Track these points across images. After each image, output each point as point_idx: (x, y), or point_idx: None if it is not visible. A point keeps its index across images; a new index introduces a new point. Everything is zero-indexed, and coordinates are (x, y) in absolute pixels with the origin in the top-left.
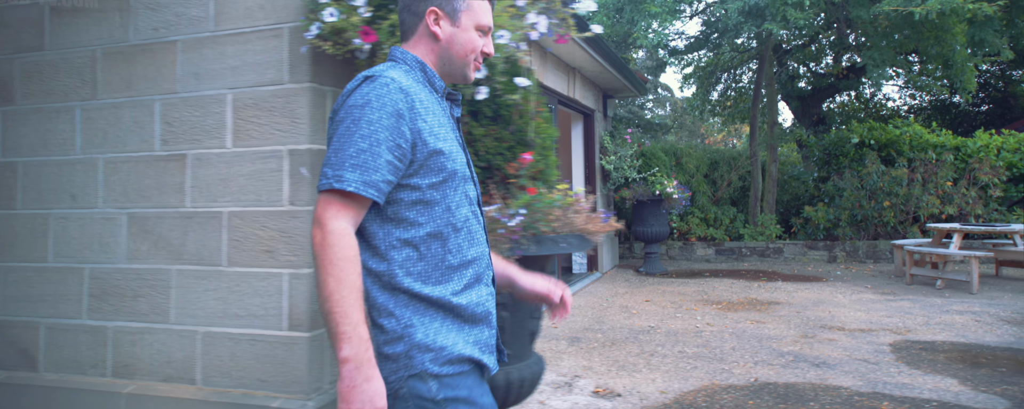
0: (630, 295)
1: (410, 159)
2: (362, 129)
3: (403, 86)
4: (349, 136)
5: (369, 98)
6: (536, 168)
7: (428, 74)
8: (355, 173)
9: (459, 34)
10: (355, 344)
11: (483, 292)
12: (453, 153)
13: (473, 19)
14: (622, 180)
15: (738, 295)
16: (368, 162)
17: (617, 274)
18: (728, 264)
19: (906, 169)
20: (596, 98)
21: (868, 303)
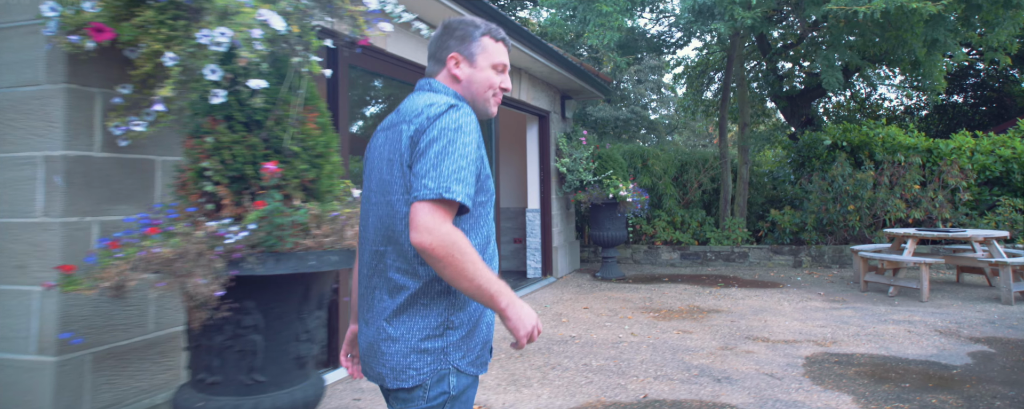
0: (572, 302)
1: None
2: (459, 149)
3: (474, 118)
4: (448, 154)
5: (461, 123)
6: (304, 177)
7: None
8: (460, 185)
9: (476, 74)
10: (507, 295)
11: None
12: (491, 177)
13: (488, 59)
14: (577, 183)
15: (683, 302)
16: (467, 177)
17: (572, 279)
18: (692, 269)
19: (872, 172)
20: (552, 99)
21: (810, 312)
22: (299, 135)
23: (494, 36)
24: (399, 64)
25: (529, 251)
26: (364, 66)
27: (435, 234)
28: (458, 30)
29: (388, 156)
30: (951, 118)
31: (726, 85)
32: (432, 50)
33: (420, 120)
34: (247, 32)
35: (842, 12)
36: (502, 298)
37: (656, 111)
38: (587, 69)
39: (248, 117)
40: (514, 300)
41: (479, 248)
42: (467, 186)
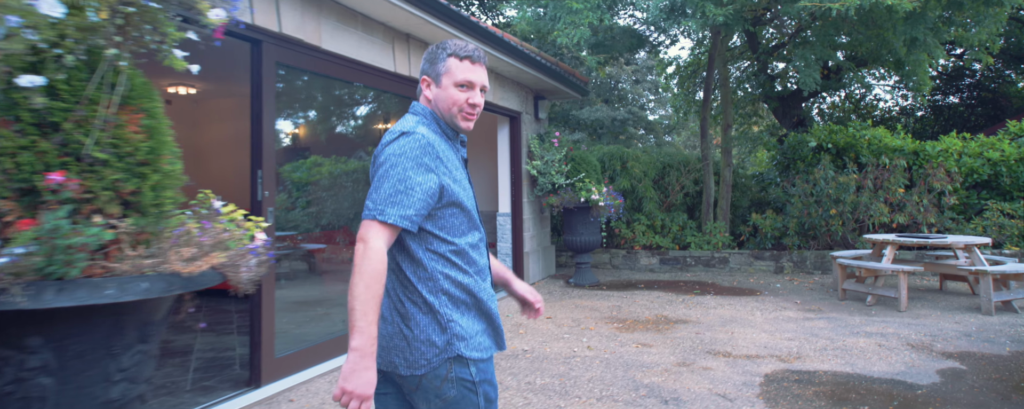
0: None
1: (437, 198)
2: (398, 174)
3: (430, 141)
4: (387, 178)
5: (404, 149)
6: (121, 189)
7: (441, 125)
8: (393, 208)
9: (441, 93)
10: (365, 338)
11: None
12: (463, 193)
13: (451, 79)
14: (549, 186)
15: (652, 312)
16: (403, 200)
17: (544, 285)
18: (670, 274)
19: (855, 175)
20: (523, 99)
21: (781, 322)
22: (110, 140)
23: (459, 55)
24: (336, 61)
25: (499, 257)
26: (298, 65)
27: (363, 245)
28: (430, 53)
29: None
30: (946, 119)
31: (708, 85)
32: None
33: (379, 146)
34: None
35: (816, 9)
36: (359, 335)
37: (654, 112)
38: (562, 68)
39: (41, 118)
40: (367, 349)
41: (468, 247)
42: (402, 208)
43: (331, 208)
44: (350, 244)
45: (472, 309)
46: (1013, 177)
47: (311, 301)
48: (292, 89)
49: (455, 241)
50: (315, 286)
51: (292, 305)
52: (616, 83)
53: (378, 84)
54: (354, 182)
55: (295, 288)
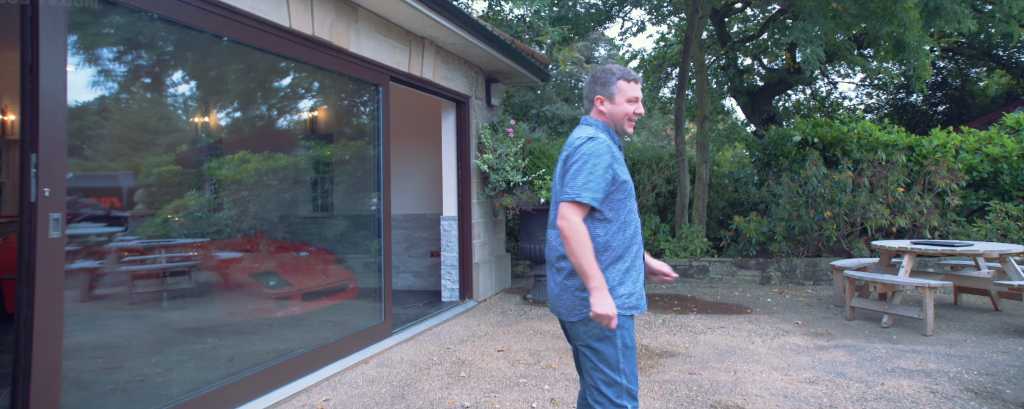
0: (486, 339)
1: (612, 184)
2: (589, 168)
3: (608, 144)
4: (581, 172)
5: (592, 151)
6: None
7: (610, 132)
8: (587, 192)
9: (615, 108)
10: (599, 278)
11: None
12: (630, 182)
13: (624, 96)
14: (503, 184)
15: None
16: (594, 187)
17: (497, 303)
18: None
19: (851, 172)
20: (473, 82)
21: (791, 354)
22: None
23: (627, 78)
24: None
25: (444, 268)
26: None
27: (566, 221)
28: (600, 78)
29: (557, 175)
30: (910, 118)
31: (684, 71)
32: (585, 94)
33: (569, 149)
34: None
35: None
36: (592, 281)
37: None
38: (518, 47)
39: None
40: (603, 288)
41: (619, 228)
42: (594, 192)
43: (254, 210)
44: (274, 252)
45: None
46: (1014, 175)
47: (205, 328)
48: (130, 38)
49: (616, 217)
50: (217, 307)
51: (177, 334)
52: (576, 82)
53: (265, 43)
54: (281, 181)
55: (190, 309)
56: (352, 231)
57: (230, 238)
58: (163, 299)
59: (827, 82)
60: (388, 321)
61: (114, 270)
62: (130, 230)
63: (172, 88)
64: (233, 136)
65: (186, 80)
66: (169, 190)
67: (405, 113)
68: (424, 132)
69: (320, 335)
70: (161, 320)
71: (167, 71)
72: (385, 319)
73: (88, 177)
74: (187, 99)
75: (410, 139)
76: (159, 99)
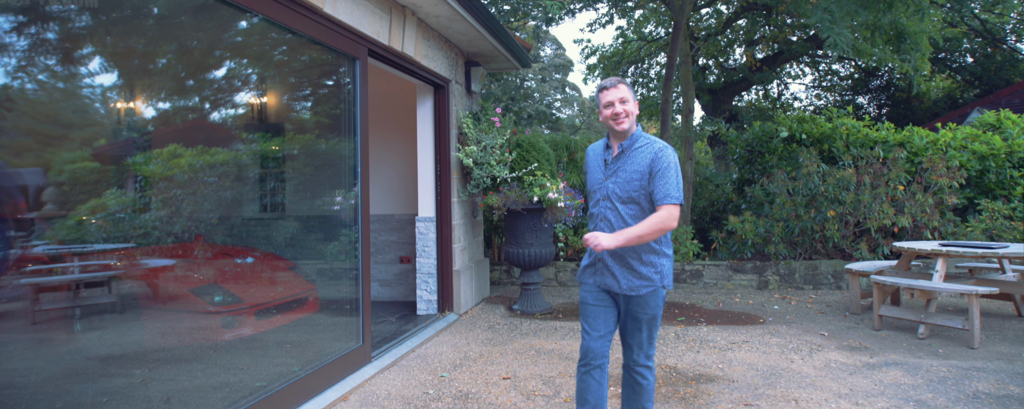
0: (482, 365)
1: None
2: (677, 172)
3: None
4: (674, 176)
5: (675, 158)
6: None
7: (606, 140)
8: (679, 192)
9: (601, 116)
10: (622, 240)
11: None
12: (588, 180)
13: (600, 104)
14: (487, 181)
15: None
16: (680, 187)
17: (481, 316)
18: None
19: (853, 169)
20: (453, 64)
21: (843, 375)
22: None
23: (600, 89)
24: None
25: (420, 277)
26: None
27: (667, 213)
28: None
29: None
30: (858, 119)
31: (671, 61)
32: None
33: (657, 155)
34: None
35: None
36: (619, 238)
37: (561, 110)
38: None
39: None
40: (617, 241)
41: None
42: (681, 192)
43: (188, 211)
44: (212, 258)
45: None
46: (998, 174)
47: (130, 355)
48: None
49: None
50: (146, 328)
51: (93, 365)
52: (522, 82)
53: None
54: (221, 178)
55: (111, 329)
56: (319, 235)
57: (160, 243)
58: (75, 318)
59: (779, 82)
60: (367, 344)
61: (12, 283)
62: (37, 234)
63: (91, 64)
64: (171, 122)
65: (108, 56)
66: (86, 189)
67: (371, 98)
68: (394, 122)
69: (280, 362)
70: (72, 345)
71: (82, 45)
72: (363, 342)
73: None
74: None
75: (378, 130)
76: (74, 83)
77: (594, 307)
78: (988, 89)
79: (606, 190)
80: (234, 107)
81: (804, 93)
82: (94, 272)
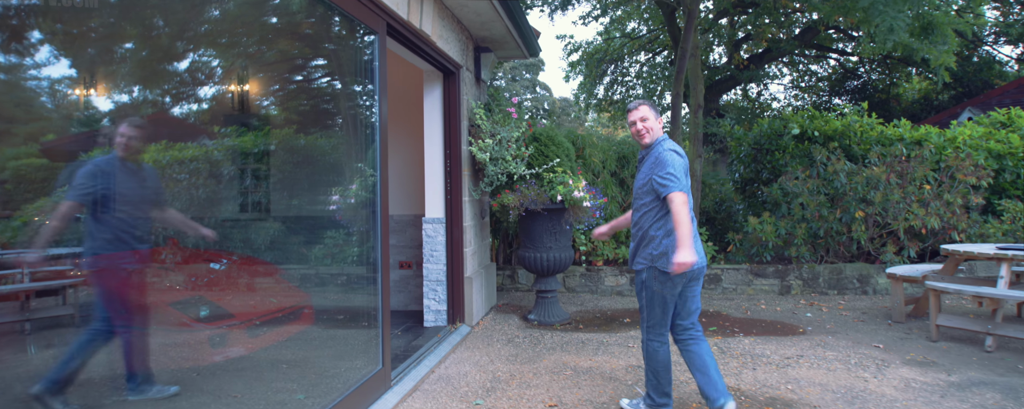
0: (518, 389)
1: None
2: (676, 164)
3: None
4: (674, 164)
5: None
6: None
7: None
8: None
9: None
10: (689, 240)
11: None
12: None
13: (627, 122)
14: (502, 178)
15: None
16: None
17: (495, 327)
18: None
19: (883, 167)
20: (464, 48)
21: (933, 397)
22: None
23: (626, 111)
24: None
25: (428, 284)
26: None
27: (680, 199)
28: (654, 108)
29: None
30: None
31: (684, 48)
32: None
33: (657, 149)
34: None
35: None
36: (684, 240)
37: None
38: None
39: None
40: (690, 247)
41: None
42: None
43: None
44: (182, 262)
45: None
46: (1016, 173)
47: (91, 380)
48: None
49: None
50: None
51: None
52: (491, 81)
53: None
54: (192, 175)
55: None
56: (326, 237)
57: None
58: (25, 333)
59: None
60: (387, 367)
61: None
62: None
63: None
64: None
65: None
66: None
67: None
68: (393, 112)
69: (281, 388)
70: (24, 370)
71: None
72: (383, 365)
73: None
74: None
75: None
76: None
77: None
78: (965, 91)
79: (635, 189)
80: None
81: (782, 93)
82: (46, 280)
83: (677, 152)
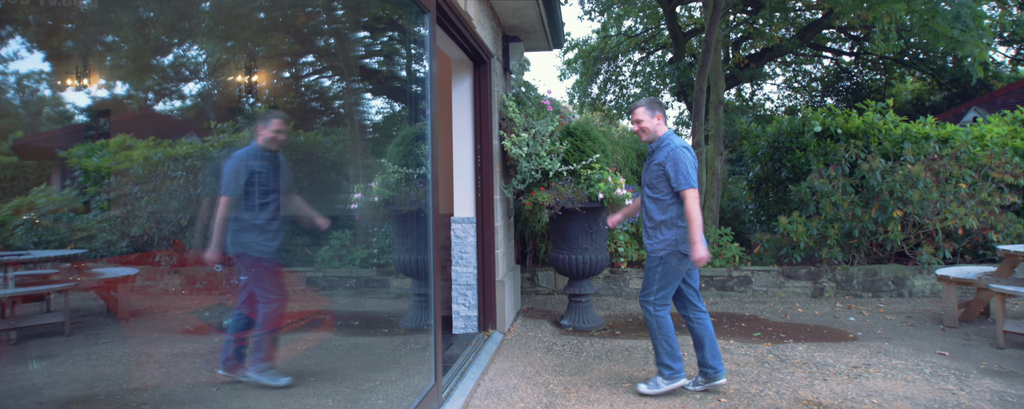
0: (578, 404)
1: None
2: (691, 160)
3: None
4: (687, 163)
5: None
6: None
7: None
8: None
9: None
10: (701, 235)
11: None
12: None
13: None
14: (536, 175)
15: (787, 393)
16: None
17: (527, 333)
18: None
19: (921, 165)
20: (495, 37)
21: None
22: None
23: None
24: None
25: (457, 288)
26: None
27: (695, 198)
28: (652, 105)
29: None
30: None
31: (709, 40)
32: None
33: (666, 150)
34: None
35: None
36: (698, 234)
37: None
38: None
39: None
40: (703, 242)
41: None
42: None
43: (149, 211)
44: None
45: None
46: None
47: (80, 400)
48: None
49: None
50: (112, 352)
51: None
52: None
53: None
54: (188, 172)
55: (64, 362)
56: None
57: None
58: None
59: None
60: (439, 382)
61: None
62: None
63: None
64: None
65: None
66: None
67: None
68: None
69: (316, 407)
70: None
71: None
72: (436, 380)
73: None
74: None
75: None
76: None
77: None
78: (959, 92)
79: (645, 180)
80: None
81: (776, 93)
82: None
83: (687, 148)
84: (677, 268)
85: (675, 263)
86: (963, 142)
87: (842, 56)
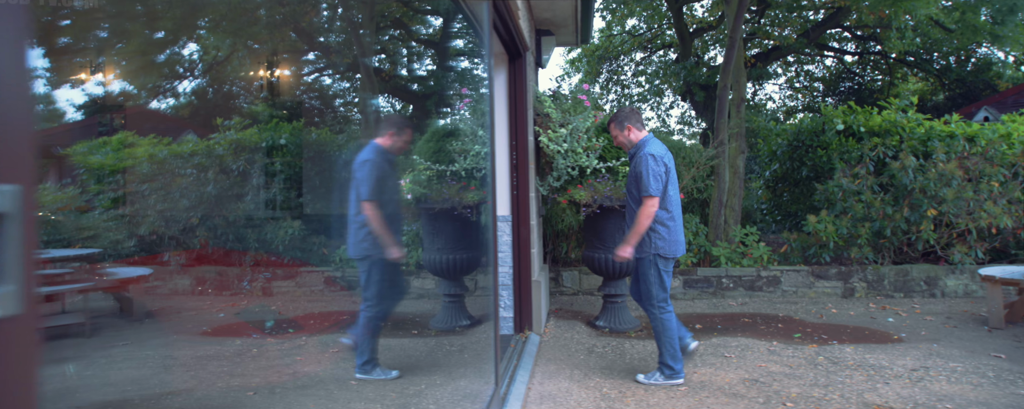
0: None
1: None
2: (653, 168)
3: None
4: (649, 170)
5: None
6: None
7: None
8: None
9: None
10: (635, 239)
11: None
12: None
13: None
14: (573, 172)
15: (849, 400)
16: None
17: (563, 334)
18: (707, 302)
19: (954, 163)
20: (529, 30)
21: None
22: None
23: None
24: None
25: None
26: None
27: (653, 204)
28: (626, 119)
29: None
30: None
31: (734, 34)
32: None
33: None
34: None
35: None
36: (632, 239)
37: None
38: None
39: None
40: (632, 245)
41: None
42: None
43: (158, 210)
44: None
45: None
46: None
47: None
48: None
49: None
50: (132, 355)
51: None
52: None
53: None
54: (198, 169)
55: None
56: (434, 235)
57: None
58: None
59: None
60: (499, 385)
61: None
62: None
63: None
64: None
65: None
66: None
67: None
68: None
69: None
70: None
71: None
72: (496, 384)
73: None
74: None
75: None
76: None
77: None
78: (963, 93)
79: (627, 185)
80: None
81: (777, 93)
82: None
83: (653, 156)
84: (665, 268)
85: (661, 264)
86: (991, 141)
87: (845, 56)
